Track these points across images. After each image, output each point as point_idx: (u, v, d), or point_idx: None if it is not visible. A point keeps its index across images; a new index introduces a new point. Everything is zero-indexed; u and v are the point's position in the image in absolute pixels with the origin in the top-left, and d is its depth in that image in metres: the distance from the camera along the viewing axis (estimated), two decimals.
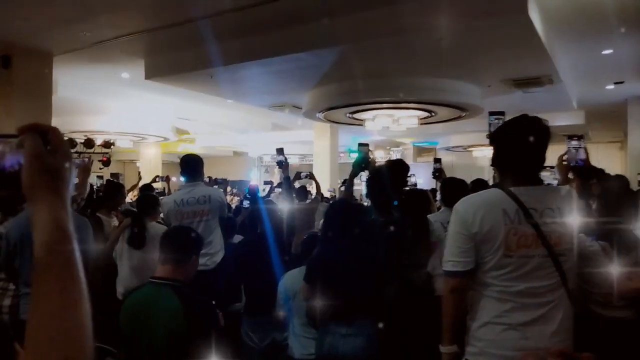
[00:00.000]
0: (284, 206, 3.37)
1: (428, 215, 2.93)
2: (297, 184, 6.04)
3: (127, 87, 8.85)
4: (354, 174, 3.10)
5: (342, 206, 2.64)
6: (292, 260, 2.87)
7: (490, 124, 2.62)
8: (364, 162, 2.95)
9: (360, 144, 2.99)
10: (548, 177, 2.71)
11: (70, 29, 5.90)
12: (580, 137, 2.52)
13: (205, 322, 2.03)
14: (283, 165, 3.84)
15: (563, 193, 1.76)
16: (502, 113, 2.63)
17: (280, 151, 4.00)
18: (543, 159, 1.73)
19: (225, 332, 3.13)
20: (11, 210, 3.07)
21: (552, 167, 2.52)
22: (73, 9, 5.32)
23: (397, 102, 8.23)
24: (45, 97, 6.77)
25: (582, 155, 2.49)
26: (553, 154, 1.95)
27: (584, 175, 2.42)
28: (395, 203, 2.47)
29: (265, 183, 7.70)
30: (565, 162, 2.45)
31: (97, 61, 7.24)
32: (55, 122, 7.14)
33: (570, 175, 2.50)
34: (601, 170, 3.06)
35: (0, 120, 6.48)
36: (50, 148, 0.64)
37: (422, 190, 3.29)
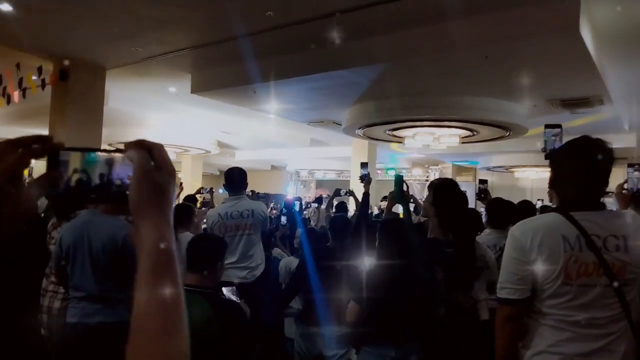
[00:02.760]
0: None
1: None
2: (335, 201, 6.05)
3: (173, 100, 9.15)
4: (390, 206, 3.15)
5: (395, 226, 2.58)
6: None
7: (546, 140, 2.52)
8: (400, 195, 2.96)
9: (397, 176, 2.98)
10: (611, 203, 2.59)
11: (122, 45, 6.17)
12: None
13: (238, 326, 2.05)
14: (365, 179, 3.77)
15: (628, 220, 1.66)
16: (559, 126, 2.53)
17: (364, 165, 4.03)
18: (606, 183, 1.65)
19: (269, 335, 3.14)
20: (65, 215, 3.19)
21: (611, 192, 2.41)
22: (126, 26, 5.57)
23: (438, 120, 8.13)
24: (97, 108, 7.09)
25: None
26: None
27: None
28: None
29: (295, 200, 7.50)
30: (625, 191, 2.34)
31: (146, 75, 7.52)
32: (104, 132, 7.45)
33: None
34: None
35: (55, 129, 6.83)
36: (155, 165, 0.63)
37: (473, 210, 3.21)
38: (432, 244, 2.45)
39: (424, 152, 12.75)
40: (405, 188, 2.85)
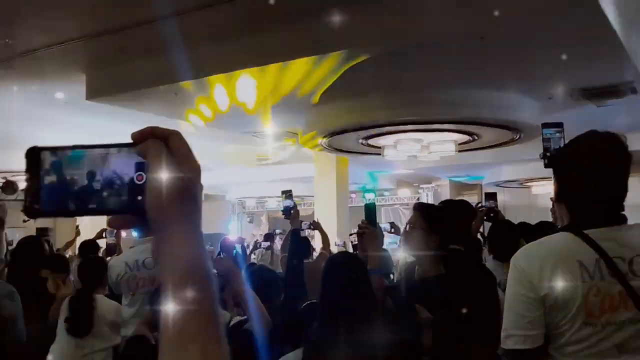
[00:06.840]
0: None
1: None
2: None
3: (61, 110, 9.01)
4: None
5: (345, 264, 2.64)
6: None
7: (545, 140, 2.70)
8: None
9: (369, 204, 3.13)
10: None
11: None
12: None
13: None
14: (291, 213, 3.84)
15: None
16: (560, 125, 2.72)
17: (287, 194, 4.11)
18: (625, 188, 1.77)
19: None
20: None
21: None
22: None
23: (426, 122, 8.34)
24: None
25: None
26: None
27: None
28: None
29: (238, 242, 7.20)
30: None
31: (22, 78, 7.40)
32: None
33: None
34: None
35: None
36: (174, 158, 0.65)
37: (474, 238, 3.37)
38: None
39: (411, 167, 13.00)
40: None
